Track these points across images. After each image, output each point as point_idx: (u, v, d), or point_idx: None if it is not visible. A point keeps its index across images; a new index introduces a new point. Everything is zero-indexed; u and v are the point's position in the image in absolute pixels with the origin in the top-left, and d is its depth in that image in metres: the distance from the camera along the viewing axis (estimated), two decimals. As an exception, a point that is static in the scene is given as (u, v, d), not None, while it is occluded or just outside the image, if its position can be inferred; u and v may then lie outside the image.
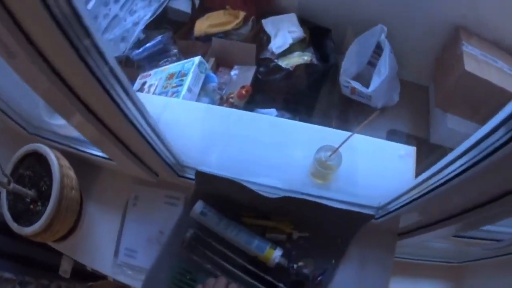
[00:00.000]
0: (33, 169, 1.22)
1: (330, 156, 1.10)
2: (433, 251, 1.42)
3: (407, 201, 0.93)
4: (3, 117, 1.32)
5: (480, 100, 2.34)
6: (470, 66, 2.28)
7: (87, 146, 1.29)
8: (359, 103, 2.74)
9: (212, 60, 2.58)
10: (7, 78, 1.15)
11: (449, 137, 2.56)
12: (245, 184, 1.07)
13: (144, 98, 1.35)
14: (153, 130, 0.97)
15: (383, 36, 2.56)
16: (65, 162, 1.21)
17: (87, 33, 0.61)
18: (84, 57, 0.63)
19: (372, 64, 2.74)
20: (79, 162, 1.29)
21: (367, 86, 2.58)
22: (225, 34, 2.62)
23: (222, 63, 2.66)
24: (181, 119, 1.37)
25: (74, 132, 1.29)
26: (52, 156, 1.17)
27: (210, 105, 1.76)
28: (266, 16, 2.70)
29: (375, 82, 2.55)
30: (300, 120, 1.41)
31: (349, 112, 2.76)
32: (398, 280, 1.41)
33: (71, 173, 1.22)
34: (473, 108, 2.43)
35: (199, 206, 1.12)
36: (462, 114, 2.50)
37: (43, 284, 1.48)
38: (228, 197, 1.16)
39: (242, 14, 2.64)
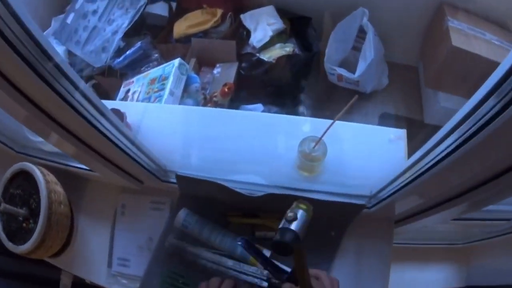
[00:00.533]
0: (23, 187, 1.25)
1: (314, 147, 1.09)
2: (437, 234, 1.42)
3: (399, 186, 0.91)
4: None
5: (471, 75, 2.34)
6: (457, 41, 2.29)
7: (72, 160, 1.31)
8: (348, 90, 2.75)
9: (193, 60, 2.60)
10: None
11: (444, 116, 2.57)
12: (225, 184, 1.09)
13: (124, 106, 1.37)
14: (132, 142, 1.00)
15: (365, 19, 2.57)
16: (51, 178, 1.25)
17: (48, 57, 0.63)
18: (49, 81, 0.67)
19: (356, 48, 2.77)
20: (67, 177, 1.33)
21: (354, 71, 2.59)
22: (205, 34, 2.65)
23: (204, 62, 2.68)
24: (161, 123, 1.39)
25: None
26: (37, 173, 1.20)
27: (189, 107, 1.79)
28: (244, 11, 2.72)
29: (361, 66, 2.57)
30: (287, 113, 1.40)
31: (338, 100, 2.76)
32: (404, 266, 1.42)
33: (59, 188, 1.25)
34: (465, 84, 2.43)
35: (181, 216, 1.14)
36: (454, 91, 2.51)
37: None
38: (212, 198, 1.17)
39: (219, 11, 2.66)
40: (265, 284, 0.98)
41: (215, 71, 2.61)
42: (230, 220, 1.15)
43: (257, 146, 1.27)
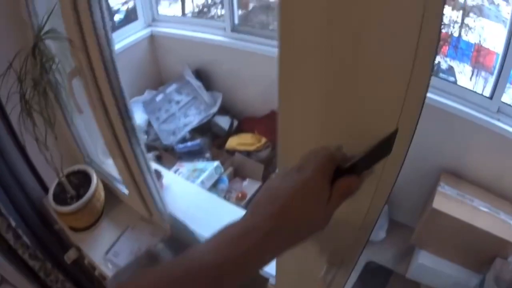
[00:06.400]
0: (80, 180, 2.10)
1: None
2: None
3: None
4: (74, 145, 2.21)
5: (450, 236, 2.77)
6: (439, 204, 2.72)
7: (118, 184, 2.19)
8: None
9: (230, 169, 3.55)
10: (85, 126, 2.11)
11: (422, 272, 3.01)
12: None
13: (167, 174, 2.36)
14: (157, 189, 1.89)
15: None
16: (100, 185, 2.11)
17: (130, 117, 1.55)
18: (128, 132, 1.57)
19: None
20: (111, 193, 2.22)
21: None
22: (248, 153, 3.60)
23: (239, 174, 3.62)
24: (180, 191, 2.30)
25: (113, 172, 2.18)
26: (94, 176, 2.07)
27: (201, 190, 2.72)
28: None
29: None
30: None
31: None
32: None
33: (102, 193, 2.12)
34: (447, 246, 2.86)
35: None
36: (433, 250, 2.93)
37: (46, 267, 2.25)
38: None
39: (264, 140, 3.60)
40: None
41: (244, 184, 3.49)
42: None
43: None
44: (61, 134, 1.97)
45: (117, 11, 4.09)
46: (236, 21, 3.77)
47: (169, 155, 3.81)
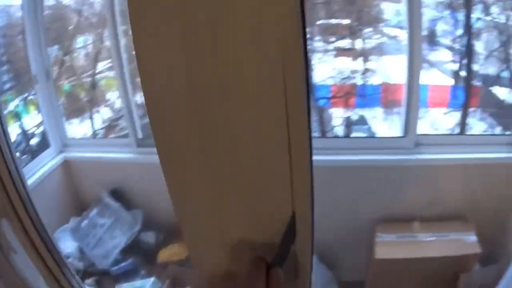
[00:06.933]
0: None
1: None
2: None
3: None
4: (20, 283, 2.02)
5: (406, 276, 2.76)
6: (381, 253, 2.78)
7: None
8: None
9: (168, 281, 3.55)
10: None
11: None
12: None
13: None
14: None
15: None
16: None
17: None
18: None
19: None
20: None
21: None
22: (181, 262, 3.65)
23: (178, 283, 3.59)
24: None
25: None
26: None
27: None
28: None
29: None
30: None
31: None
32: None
33: None
34: (402, 285, 2.88)
35: None
36: None
37: None
38: None
39: None
40: None
41: (184, 293, 3.46)
42: None
43: None
44: (5, 272, 1.88)
45: (33, 134, 4.18)
46: (140, 136, 3.94)
47: (107, 279, 3.81)
